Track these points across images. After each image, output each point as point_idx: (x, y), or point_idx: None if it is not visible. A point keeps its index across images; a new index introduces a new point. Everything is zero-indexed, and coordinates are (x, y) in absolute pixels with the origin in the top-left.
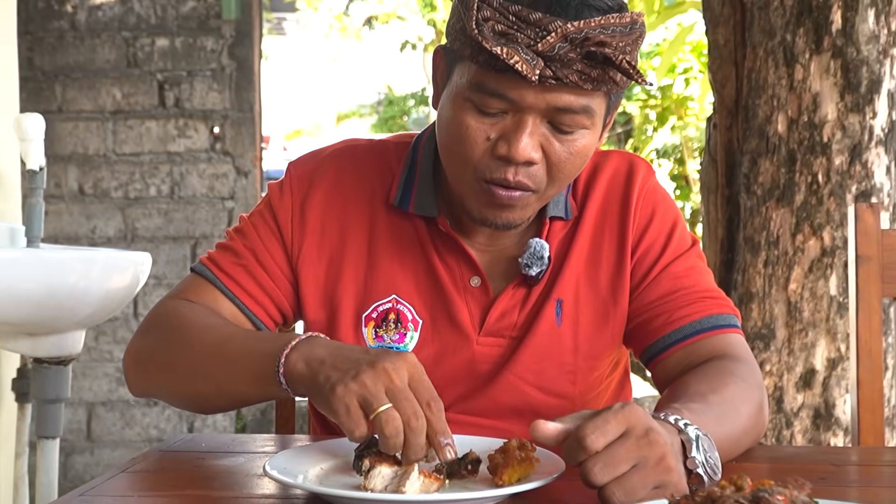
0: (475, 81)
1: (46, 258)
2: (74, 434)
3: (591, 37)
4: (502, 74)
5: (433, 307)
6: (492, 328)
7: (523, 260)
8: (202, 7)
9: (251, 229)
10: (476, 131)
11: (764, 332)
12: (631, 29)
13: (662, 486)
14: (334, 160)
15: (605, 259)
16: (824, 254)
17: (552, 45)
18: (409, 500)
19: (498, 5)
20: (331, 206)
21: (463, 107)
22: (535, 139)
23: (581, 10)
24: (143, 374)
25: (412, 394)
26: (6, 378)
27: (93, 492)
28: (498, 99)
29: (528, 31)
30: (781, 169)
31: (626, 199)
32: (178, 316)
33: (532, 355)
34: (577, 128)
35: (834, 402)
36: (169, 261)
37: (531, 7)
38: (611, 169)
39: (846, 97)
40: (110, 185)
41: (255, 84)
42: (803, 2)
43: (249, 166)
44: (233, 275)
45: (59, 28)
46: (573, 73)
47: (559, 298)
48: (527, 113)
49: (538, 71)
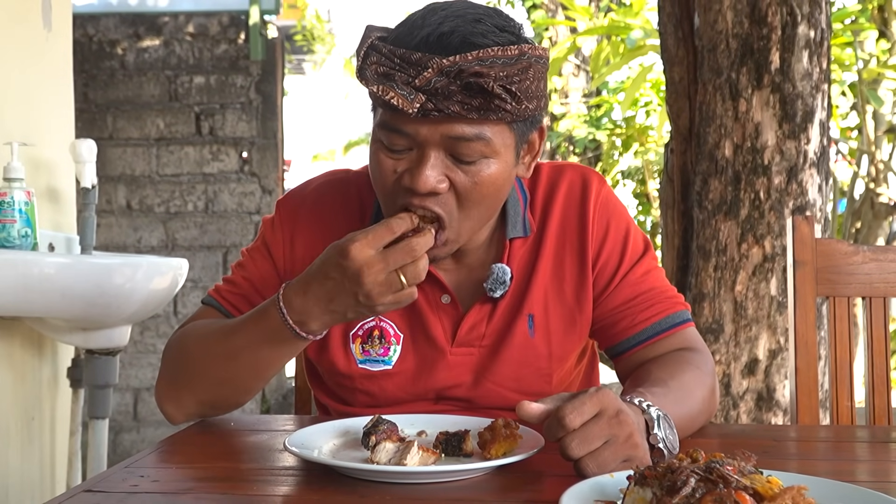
0: (381, 122)
1: (97, 263)
2: (122, 415)
3: (466, 69)
4: (396, 112)
5: (411, 323)
6: (463, 339)
7: (487, 285)
8: (233, 50)
9: (250, 262)
10: (385, 167)
11: (714, 327)
12: (517, 60)
13: (630, 460)
14: (316, 196)
15: (569, 272)
16: (766, 260)
17: (429, 80)
18: (409, 471)
19: (386, 51)
20: (315, 236)
21: (376, 145)
22: (437, 171)
23: (460, 47)
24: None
25: (387, 255)
26: (62, 366)
27: (137, 464)
28: (398, 135)
29: (408, 69)
30: (728, 187)
31: (584, 213)
32: (182, 338)
33: (510, 365)
34: (477, 157)
35: (774, 387)
36: (204, 266)
37: (414, 49)
38: (566, 184)
39: (784, 126)
40: (154, 201)
41: (278, 115)
42: (746, 45)
43: (273, 185)
44: (232, 301)
45: (110, 67)
46: (454, 103)
47: (530, 313)
48: (426, 146)
49: (417, 105)
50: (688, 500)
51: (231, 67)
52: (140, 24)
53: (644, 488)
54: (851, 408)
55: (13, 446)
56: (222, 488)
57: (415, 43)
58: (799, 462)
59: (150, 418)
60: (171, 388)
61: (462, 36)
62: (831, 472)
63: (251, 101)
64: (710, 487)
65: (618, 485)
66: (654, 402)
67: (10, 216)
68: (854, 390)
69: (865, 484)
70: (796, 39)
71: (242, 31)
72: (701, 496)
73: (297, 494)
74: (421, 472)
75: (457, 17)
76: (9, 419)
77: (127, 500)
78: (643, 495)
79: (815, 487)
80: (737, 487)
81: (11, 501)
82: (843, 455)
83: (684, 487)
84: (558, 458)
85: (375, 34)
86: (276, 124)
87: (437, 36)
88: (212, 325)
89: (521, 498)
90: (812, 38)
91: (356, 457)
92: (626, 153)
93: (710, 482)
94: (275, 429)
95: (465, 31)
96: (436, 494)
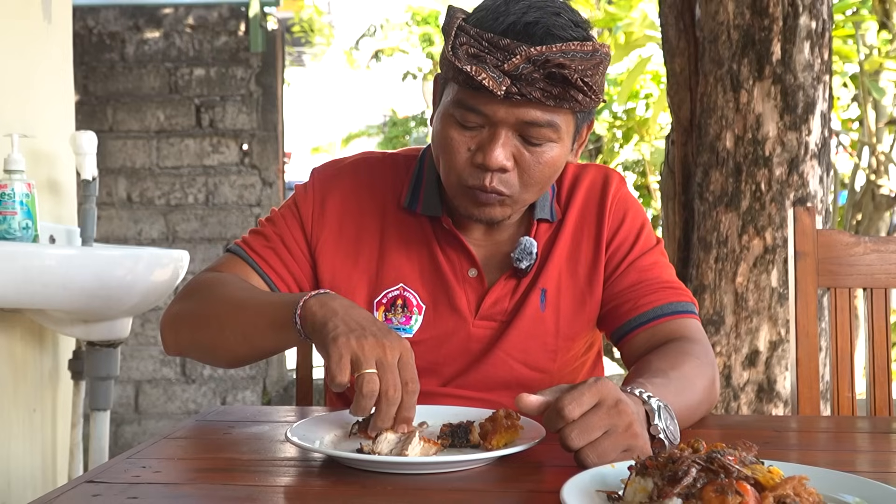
0: (456, 99)
1: (98, 255)
2: (124, 407)
3: (552, 59)
4: (477, 92)
5: (435, 294)
6: (486, 313)
7: (515, 255)
8: (233, 42)
9: (280, 219)
10: (458, 143)
11: (715, 319)
12: (592, 56)
13: (630, 450)
14: (352, 169)
15: (584, 254)
16: (766, 251)
17: (517, 66)
18: (410, 461)
19: (474, 33)
20: (347, 207)
21: (448, 122)
22: (507, 150)
23: (545, 38)
24: (178, 333)
25: (397, 372)
26: (63, 358)
27: (138, 455)
28: (474, 114)
29: (497, 53)
30: (729, 179)
31: (602, 205)
32: (212, 281)
33: (519, 336)
34: (544, 140)
35: (775, 379)
36: (204, 259)
37: (501, 34)
38: (588, 180)
39: (785, 117)
40: (154, 193)
41: (279, 107)
42: (747, 36)
43: (273, 178)
44: (262, 254)
45: (110, 59)
46: (536, 90)
47: (543, 288)
48: (499, 126)
49: (504, 87)
50: (689, 490)
51: (231, 59)
52: (140, 16)
53: (645, 478)
54: (852, 399)
55: (15, 438)
56: (224, 479)
57: (501, 29)
58: (800, 452)
59: (152, 410)
60: (177, 320)
61: (546, 27)
62: (832, 462)
63: (251, 93)
64: (711, 477)
65: (619, 475)
66: (654, 392)
67: (11, 208)
68: (855, 381)
69: (866, 474)
70: (797, 30)
71: (242, 23)
72: (702, 486)
73: (298, 485)
74: (422, 463)
75: (539, 9)
76: (10, 411)
77: (128, 491)
78: (644, 485)
79: (815, 477)
80: (738, 477)
81: (13, 492)
82: (843, 445)
83: (685, 477)
84: (559, 448)
85: (460, 16)
86: (276, 116)
87: (522, 25)
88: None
89: (522, 488)
90: (813, 28)
91: (357, 447)
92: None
93: (711, 472)
94: (276, 420)
95: (548, 23)
96: (437, 485)
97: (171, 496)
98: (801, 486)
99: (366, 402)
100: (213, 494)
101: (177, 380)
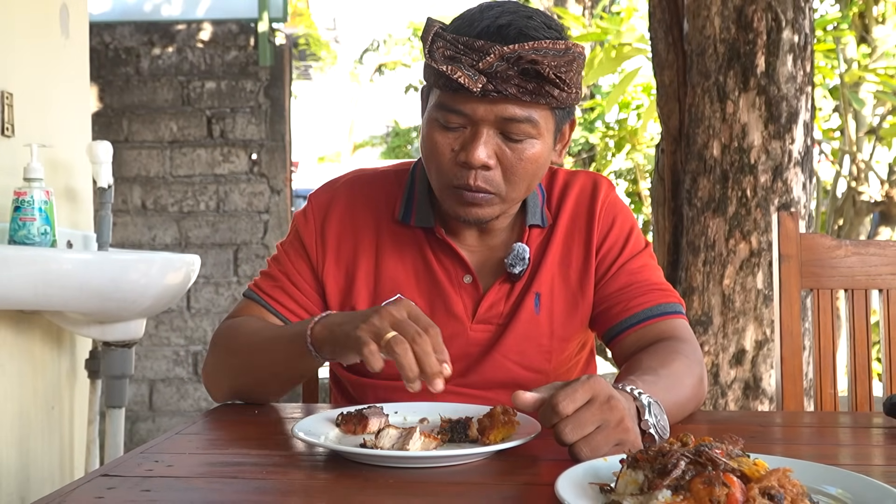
0: (438, 103)
1: (113, 259)
2: (139, 405)
3: (525, 56)
4: (457, 93)
5: (433, 301)
6: (483, 317)
7: (508, 260)
8: (243, 56)
9: (284, 257)
10: (442, 145)
11: (703, 319)
12: (565, 53)
13: (621, 444)
14: (346, 188)
15: (575, 258)
16: (752, 254)
17: (491, 64)
18: (411, 455)
19: (450, 38)
20: (344, 227)
21: (432, 126)
22: (489, 147)
23: (518, 38)
24: (218, 385)
25: (413, 323)
26: (80, 358)
27: (152, 450)
28: (455, 114)
29: (472, 54)
30: (717, 186)
31: (591, 210)
32: (231, 332)
33: (515, 338)
34: (525, 137)
35: (761, 376)
36: (215, 263)
37: (476, 37)
38: (578, 186)
39: (769, 127)
40: (168, 201)
41: (286, 119)
42: (733, 49)
43: (281, 186)
44: (273, 295)
45: (125, 73)
46: (512, 86)
47: (537, 292)
48: (480, 125)
49: (480, 85)
50: (678, 482)
51: (241, 73)
52: (154, 31)
53: (636, 471)
54: (834, 395)
55: (34, 434)
56: (233, 472)
57: (476, 32)
58: (784, 446)
59: (165, 408)
60: (212, 374)
61: (518, 28)
62: (815, 455)
63: (260, 105)
64: (699, 469)
65: (611, 468)
66: (645, 389)
67: (31, 214)
68: (837, 379)
69: (847, 466)
70: (781, 44)
71: (252, 39)
72: (691, 478)
73: (304, 478)
74: (423, 457)
75: (511, 13)
76: (30, 408)
77: (142, 485)
78: (635, 477)
79: (799, 470)
80: (725, 469)
81: (32, 486)
82: (826, 440)
83: (675, 470)
84: (554, 443)
85: (437, 25)
86: (283, 127)
87: (496, 27)
88: (258, 327)
89: (518, 481)
90: (796, 42)
91: (360, 443)
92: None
93: (699, 465)
94: (283, 416)
95: (520, 24)
96: (437, 478)
97: (182, 489)
98: (786, 478)
99: (408, 360)
100: (224, 487)
101: (189, 379)
